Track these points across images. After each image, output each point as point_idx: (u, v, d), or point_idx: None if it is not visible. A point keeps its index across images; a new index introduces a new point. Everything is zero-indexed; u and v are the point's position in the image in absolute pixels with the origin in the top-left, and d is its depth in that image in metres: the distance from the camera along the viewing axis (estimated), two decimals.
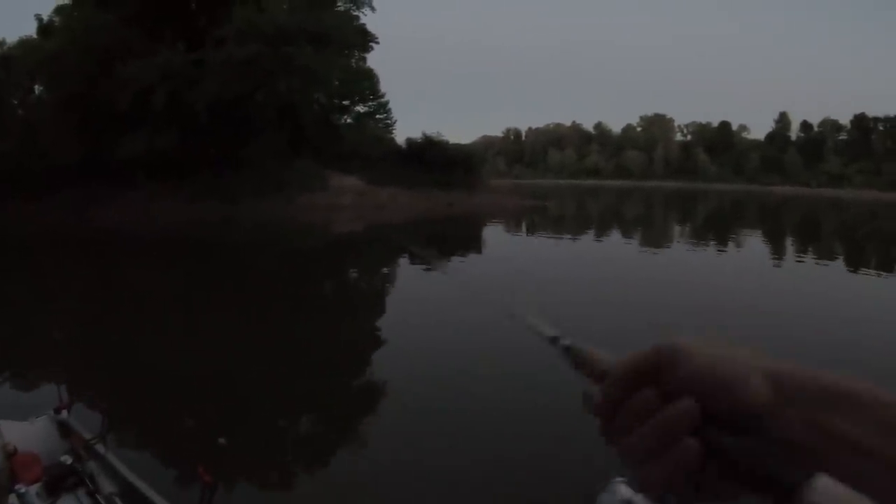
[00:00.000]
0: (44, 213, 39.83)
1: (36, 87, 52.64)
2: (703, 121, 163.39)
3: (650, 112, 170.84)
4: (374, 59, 58.93)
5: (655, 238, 31.81)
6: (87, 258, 25.43)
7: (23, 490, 3.77)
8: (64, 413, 4.85)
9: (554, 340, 0.66)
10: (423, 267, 21.24)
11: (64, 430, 4.74)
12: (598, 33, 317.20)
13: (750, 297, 15.04)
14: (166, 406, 7.97)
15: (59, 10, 50.77)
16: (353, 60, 51.34)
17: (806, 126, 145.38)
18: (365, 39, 51.21)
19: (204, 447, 6.60)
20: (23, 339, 11.86)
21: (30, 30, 54.32)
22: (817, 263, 24.14)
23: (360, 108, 53.29)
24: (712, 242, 30.19)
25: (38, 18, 52.83)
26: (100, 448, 4.46)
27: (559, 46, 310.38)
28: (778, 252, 27.30)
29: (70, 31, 45.73)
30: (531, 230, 34.86)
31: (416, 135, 52.58)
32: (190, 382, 8.95)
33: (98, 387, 8.28)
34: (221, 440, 6.42)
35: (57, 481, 3.97)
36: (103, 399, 5.08)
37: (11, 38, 54.53)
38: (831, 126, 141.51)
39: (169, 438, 7.01)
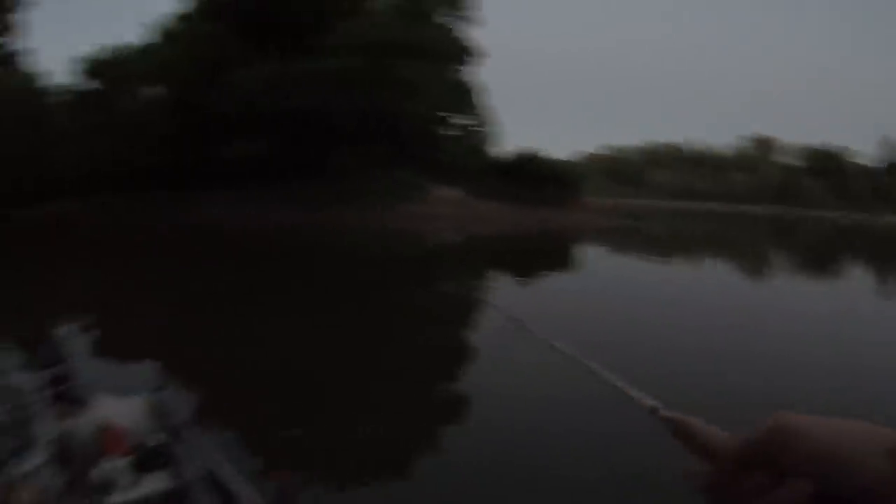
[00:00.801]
0: (145, 207, 41.86)
1: (146, 89, 55.40)
2: (810, 143, 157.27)
3: (754, 132, 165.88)
4: (479, 73, 59.20)
5: (759, 268, 30.08)
6: (184, 253, 26.43)
7: (111, 462, 3.81)
8: (160, 394, 4.91)
9: (654, 411, 0.65)
10: (521, 283, 21.20)
11: (157, 411, 4.79)
12: (703, 50, 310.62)
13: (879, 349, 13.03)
14: (255, 398, 8.05)
15: (172, 18, 53.45)
16: (456, 73, 51.60)
17: None
18: (468, 52, 51.48)
19: (289, 442, 6.62)
20: (126, 325, 12.46)
21: (144, 36, 57.23)
22: None
23: (461, 121, 53.45)
24: (824, 276, 28.34)
25: (152, 26, 55.64)
26: (189, 432, 4.48)
27: (663, 62, 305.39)
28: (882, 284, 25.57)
29: (180, 39, 47.85)
30: (625, 251, 34.09)
31: (516, 148, 52.61)
32: (278, 377, 9.03)
33: (191, 374, 8.42)
34: (297, 431, 6.44)
35: (145, 458, 3.99)
36: (195, 386, 5.12)
37: (127, 42, 57.34)
38: None
39: (255, 429, 7.04)
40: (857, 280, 27.49)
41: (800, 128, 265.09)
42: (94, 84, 55.28)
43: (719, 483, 0.55)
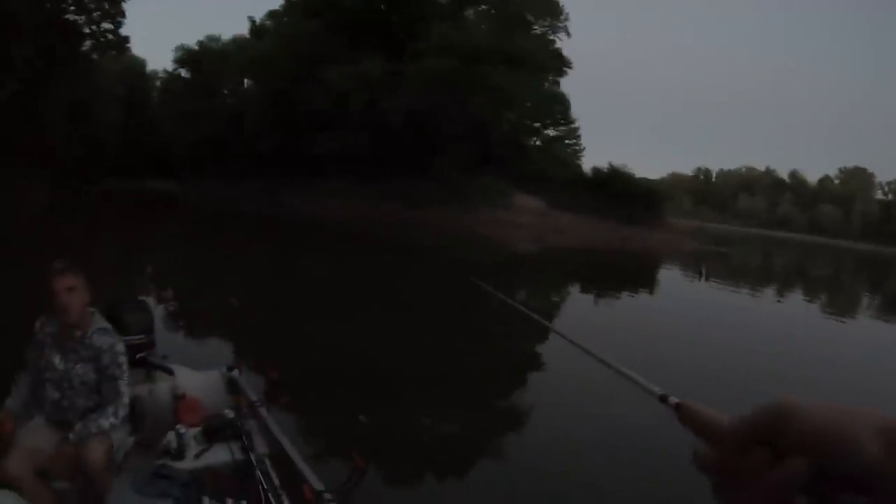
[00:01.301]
0: (241, 192, 43.22)
1: (245, 80, 57.27)
2: None
3: (850, 164, 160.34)
4: (568, 84, 58.76)
5: (841, 309, 28.63)
6: (273, 237, 27.13)
7: (182, 430, 3.89)
8: (235, 372, 5.01)
9: (663, 398, 0.68)
10: (598, 296, 20.96)
11: (231, 386, 4.87)
12: (800, 76, 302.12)
13: None
14: (328, 383, 8.13)
15: (270, 14, 55.43)
16: (547, 83, 51.49)
17: None
18: (559, 63, 51.41)
19: (358, 430, 6.65)
20: (211, 302, 12.90)
21: (243, 29, 59.15)
22: None
23: (550, 132, 53.32)
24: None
25: (252, 20, 58.04)
26: (261, 410, 4.54)
27: (759, 86, 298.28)
28: None
29: (279, 35, 49.67)
30: (704, 278, 33.25)
31: (604, 163, 52.30)
32: (350, 366, 9.09)
33: (267, 353, 8.59)
34: (362, 417, 6.45)
35: (215, 430, 4.05)
36: (270, 366, 5.19)
37: (227, 35, 59.40)
38: None
39: (327, 414, 7.12)
40: None
41: None
42: (194, 73, 57.44)
43: (720, 462, 0.56)
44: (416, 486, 6.13)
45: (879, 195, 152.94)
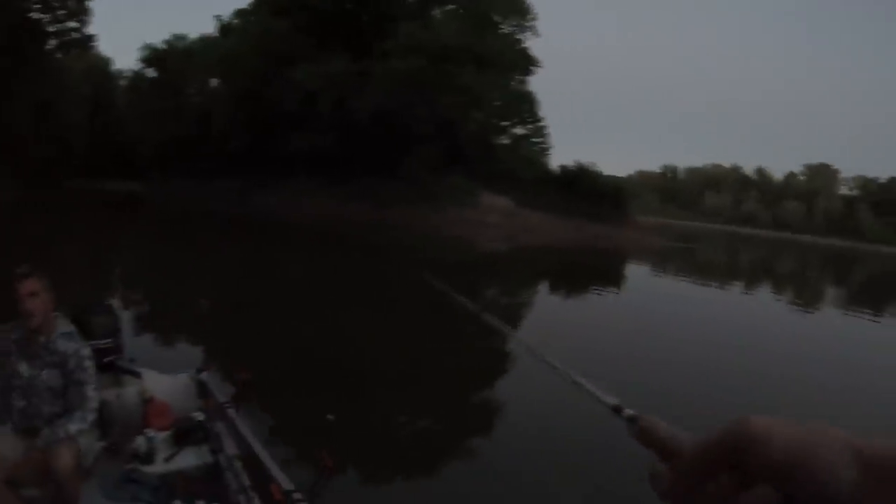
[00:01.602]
0: (208, 193, 42.94)
1: (213, 80, 56.89)
2: (871, 175, 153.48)
3: (814, 161, 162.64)
4: (535, 82, 58.80)
5: (802, 301, 29.02)
6: (241, 238, 27.02)
7: (152, 434, 3.89)
8: (204, 374, 4.99)
9: (617, 410, 0.63)
10: (565, 294, 21.12)
11: (200, 389, 4.87)
12: (765, 73, 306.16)
13: None
14: (298, 384, 8.19)
15: (238, 13, 54.93)
16: (514, 83, 51.65)
17: None
18: (527, 62, 51.53)
19: (328, 430, 6.66)
20: (177, 305, 12.75)
21: (210, 28, 58.75)
22: None
23: (518, 130, 53.43)
24: (866, 312, 27.22)
25: (219, 19, 57.27)
26: (230, 411, 4.54)
27: (724, 84, 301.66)
28: None
29: (247, 33, 49.39)
30: (670, 273, 33.58)
31: (572, 161, 52.47)
32: (321, 366, 9.13)
33: (236, 355, 8.59)
34: (330, 416, 6.48)
35: (184, 433, 4.06)
36: (239, 367, 5.19)
37: (193, 34, 59.06)
38: None
39: (297, 415, 7.17)
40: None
41: (864, 160, 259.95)
42: (161, 72, 56.95)
43: (679, 488, 0.52)
44: (384, 485, 6.19)
45: (844, 191, 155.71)
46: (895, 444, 0.45)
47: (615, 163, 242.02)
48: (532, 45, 52.91)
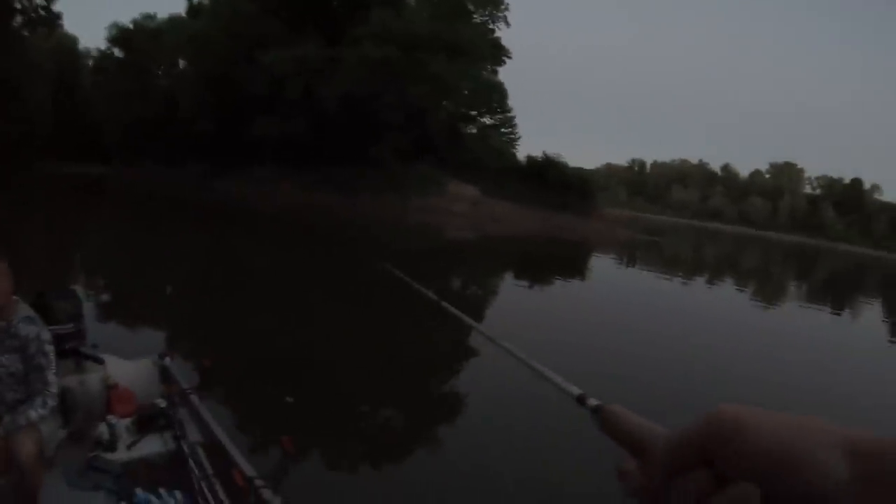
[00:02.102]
0: (176, 177, 42.46)
1: (180, 61, 56.10)
2: (835, 175, 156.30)
3: (780, 159, 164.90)
4: (505, 73, 58.97)
5: (765, 295, 29.52)
6: (207, 224, 26.82)
7: (114, 421, 3.89)
8: (166, 360, 4.98)
9: (581, 400, 0.59)
10: (527, 285, 21.23)
11: (163, 375, 4.85)
12: (735, 70, 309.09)
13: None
14: (260, 370, 8.20)
15: None
16: (485, 72, 51.68)
17: None
18: (498, 53, 51.61)
19: (290, 416, 6.70)
20: (142, 290, 12.71)
21: (179, 8, 57.87)
22: None
23: (486, 120, 53.49)
24: (826, 307, 27.74)
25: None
26: (193, 398, 4.54)
27: (694, 79, 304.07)
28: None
29: (216, 15, 48.67)
30: (636, 265, 33.95)
31: (540, 152, 52.70)
32: (284, 354, 9.14)
33: (199, 342, 8.58)
34: (289, 399, 6.50)
35: (147, 420, 4.06)
36: (202, 354, 5.20)
37: (162, 13, 58.19)
38: None
39: (259, 401, 7.21)
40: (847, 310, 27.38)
41: (825, 158, 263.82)
42: (128, 52, 56.02)
43: (649, 486, 0.48)
44: (345, 470, 6.23)
45: (808, 190, 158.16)
46: (890, 440, 0.41)
47: (584, 155, 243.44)
48: (503, 35, 53.05)
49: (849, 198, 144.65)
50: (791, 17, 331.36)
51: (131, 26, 56.12)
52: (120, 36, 55.75)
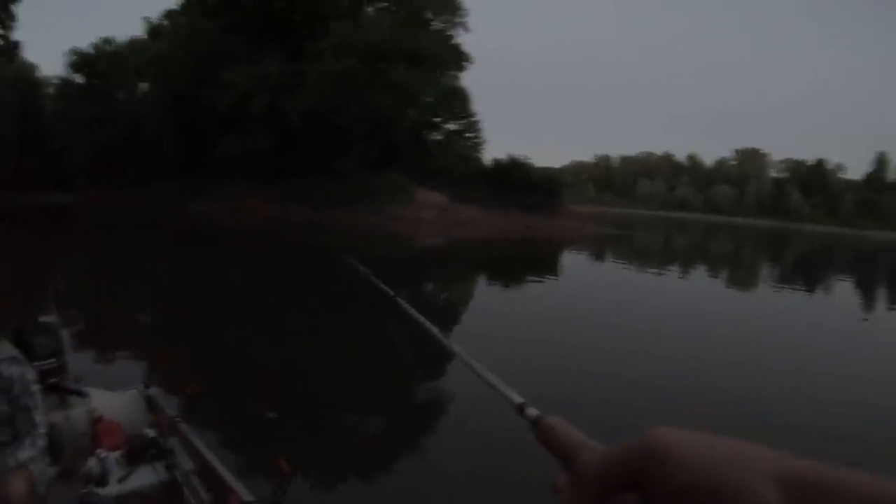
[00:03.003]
0: (143, 201, 42.12)
1: (142, 84, 55.62)
2: (799, 158, 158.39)
3: (744, 145, 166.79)
4: (468, 78, 59.21)
5: (737, 280, 30.00)
6: (178, 246, 26.68)
7: (103, 455, 3.82)
8: (152, 389, 4.93)
9: (520, 409, 0.57)
10: (492, 286, 21.33)
11: (150, 404, 4.82)
12: (695, 61, 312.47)
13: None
14: (247, 392, 8.19)
15: (167, 14, 53.86)
16: (447, 79, 51.79)
17: None
18: (459, 58, 51.70)
19: (282, 436, 6.66)
20: (120, 318, 12.68)
21: (139, 30, 57.50)
22: None
23: (451, 126, 53.60)
24: (798, 287, 28.26)
25: (148, 21, 56.19)
26: (182, 426, 4.50)
27: (655, 72, 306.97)
28: (868, 301, 25.48)
29: (176, 35, 48.60)
30: (604, 260, 34.25)
31: (503, 155, 53.00)
32: (268, 369, 9.15)
33: (182, 366, 8.53)
34: (271, 414, 6.46)
35: (137, 451, 3.99)
36: (187, 379, 5.14)
37: (121, 37, 57.65)
38: None
39: (249, 423, 7.18)
40: (820, 289, 27.86)
41: (789, 142, 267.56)
42: (90, 77, 55.42)
43: (579, 502, 0.46)
44: (343, 488, 6.19)
45: (773, 174, 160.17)
46: (825, 468, 0.39)
47: (551, 154, 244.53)
48: (464, 40, 53.13)
49: (813, 179, 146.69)
50: (746, 7, 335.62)
51: (91, 51, 55.54)
52: (80, 61, 55.10)
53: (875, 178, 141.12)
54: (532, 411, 0.56)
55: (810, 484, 0.39)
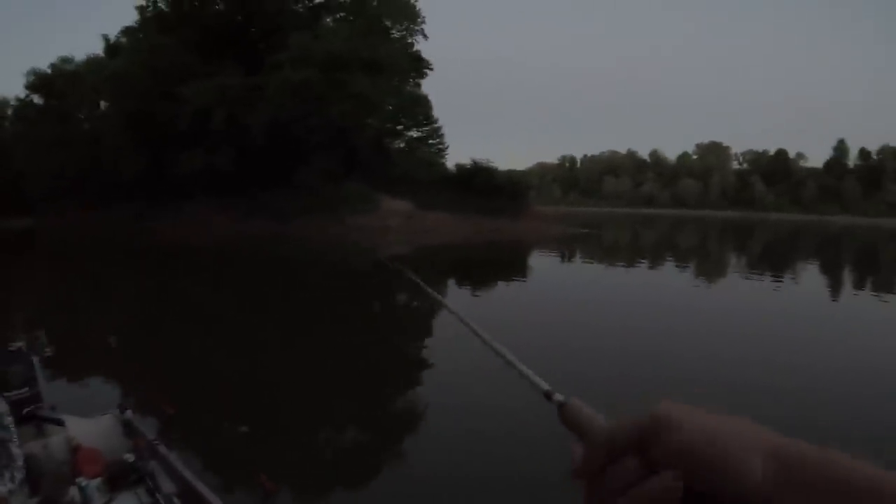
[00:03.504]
0: (106, 222, 41.56)
1: (101, 103, 54.92)
2: (760, 149, 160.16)
3: (706, 139, 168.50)
4: (429, 85, 59.31)
5: (706, 272, 30.40)
6: (144, 266, 26.41)
7: (84, 483, 3.82)
8: (128, 413, 4.90)
9: (548, 395, 0.63)
10: (471, 292, 21.38)
11: (127, 429, 4.78)
12: (654, 59, 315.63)
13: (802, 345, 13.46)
14: (223, 410, 8.16)
15: (125, 31, 53.26)
16: (408, 86, 51.83)
17: (864, 153, 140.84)
18: (419, 65, 51.82)
19: (262, 453, 6.63)
20: (89, 342, 12.51)
21: (97, 49, 56.85)
22: (875, 296, 22.32)
23: (413, 133, 53.67)
24: (766, 276, 28.64)
25: (106, 38, 55.81)
26: (161, 448, 4.49)
27: (616, 72, 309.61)
28: (835, 286, 25.91)
29: (134, 52, 48.11)
30: (572, 259, 34.54)
31: (467, 160, 53.06)
32: (244, 389, 9.12)
33: (160, 389, 8.43)
34: (243, 428, 6.44)
35: (118, 477, 3.99)
36: (164, 402, 5.11)
37: (80, 56, 56.92)
38: (891, 153, 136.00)
39: (228, 442, 7.15)
40: (787, 276, 28.24)
41: (750, 134, 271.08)
42: (48, 98, 54.64)
43: (587, 467, 0.52)
44: (326, 498, 6.19)
45: (736, 165, 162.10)
46: (811, 447, 0.45)
47: (515, 157, 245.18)
48: (424, 48, 53.32)
49: (775, 169, 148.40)
50: (699, 2, 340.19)
51: (49, 71, 54.78)
52: (38, 82, 54.35)
53: (836, 165, 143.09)
54: (558, 396, 0.61)
55: (792, 456, 0.45)
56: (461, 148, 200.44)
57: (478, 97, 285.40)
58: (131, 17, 52.29)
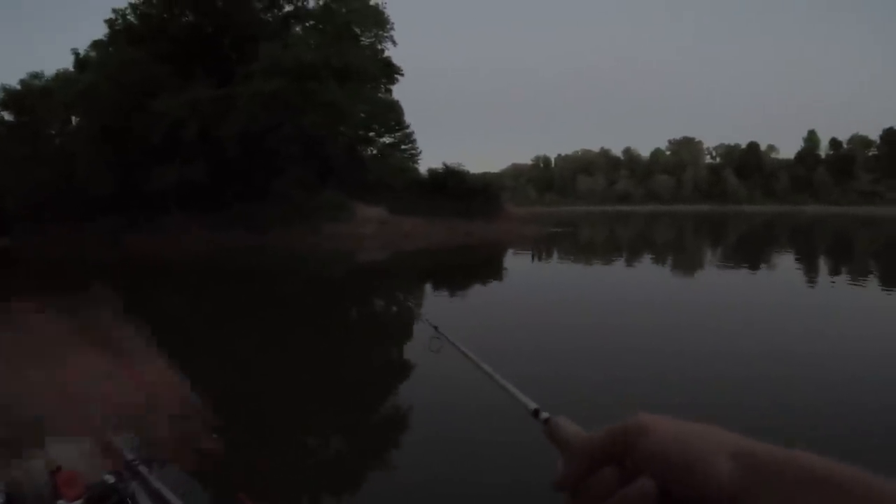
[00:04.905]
0: (79, 239, 41.14)
1: (73, 118, 54.28)
2: (732, 142, 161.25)
3: (678, 135, 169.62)
4: (400, 91, 59.41)
5: (681, 265, 30.79)
6: (120, 283, 26.12)
7: None
8: (107, 433, 4.90)
9: (536, 413, 0.66)
10: (447, 297, 21.46)
11: (107, 449, 4.78)
12: (623, 57, 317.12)
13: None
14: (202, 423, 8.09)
15: (94, 45, 52.75)
16: (379, 93, 51.88)
17: (835, 143, 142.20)
18: (389, 72, 51.93)
19: (243, 467, 6.66)
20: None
21: (67, 63, 56.28)
22: (852, 283, 22.87)
23: (386, 140, 53.77)
24: (743, 266, 29.11)
25: (75, 53, 55.42)
26: (142, 468, 4.50)
27: (587, 71, 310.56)
28: (811, 273, 26.32)
29: (105, 66, 47.62)
30: (546, 258, 34.77)
31: (440, 164, 53.29)
32: (223, 404, 9.06)
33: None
34: (215, 436, 6.49)
35: (98, 499, 4.02)
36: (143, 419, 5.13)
37: (49, 71, 56.24)
38: (860, 142, 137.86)
39: (207, 457, 7.09)
40: (763, 266, 28.72)
41: (721, 129, 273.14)
42: (19, 114, 53.87)
43: (570, 480, 0.55)
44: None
45: (708, 159, 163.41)
46: (776, 448, 0.48)
47: (489, 160, 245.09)
48: (394, 54, 53.45)
49: (748, 162, 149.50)
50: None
51: (19, 87, 54.07)
52: (8, 98, 53.61)
53: (807, 156, 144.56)
54: (544, 414, 0.64)
55: (759, 457, 0.48)
56: (436, 153, 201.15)
57: (450, 102, 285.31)
58: (101, 31, 51.66)
